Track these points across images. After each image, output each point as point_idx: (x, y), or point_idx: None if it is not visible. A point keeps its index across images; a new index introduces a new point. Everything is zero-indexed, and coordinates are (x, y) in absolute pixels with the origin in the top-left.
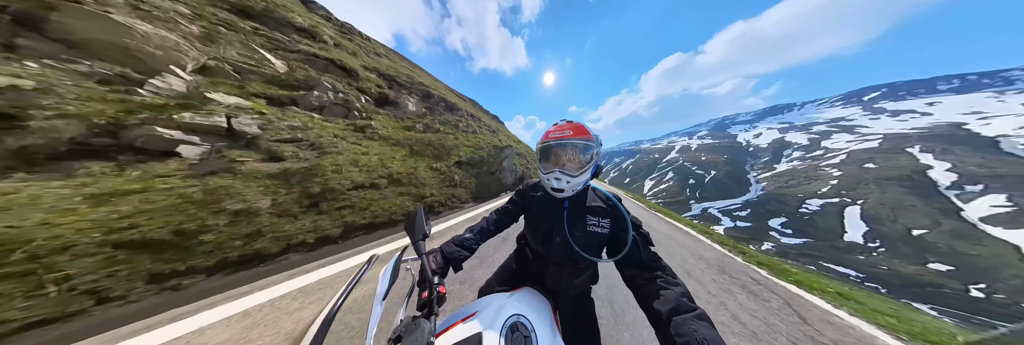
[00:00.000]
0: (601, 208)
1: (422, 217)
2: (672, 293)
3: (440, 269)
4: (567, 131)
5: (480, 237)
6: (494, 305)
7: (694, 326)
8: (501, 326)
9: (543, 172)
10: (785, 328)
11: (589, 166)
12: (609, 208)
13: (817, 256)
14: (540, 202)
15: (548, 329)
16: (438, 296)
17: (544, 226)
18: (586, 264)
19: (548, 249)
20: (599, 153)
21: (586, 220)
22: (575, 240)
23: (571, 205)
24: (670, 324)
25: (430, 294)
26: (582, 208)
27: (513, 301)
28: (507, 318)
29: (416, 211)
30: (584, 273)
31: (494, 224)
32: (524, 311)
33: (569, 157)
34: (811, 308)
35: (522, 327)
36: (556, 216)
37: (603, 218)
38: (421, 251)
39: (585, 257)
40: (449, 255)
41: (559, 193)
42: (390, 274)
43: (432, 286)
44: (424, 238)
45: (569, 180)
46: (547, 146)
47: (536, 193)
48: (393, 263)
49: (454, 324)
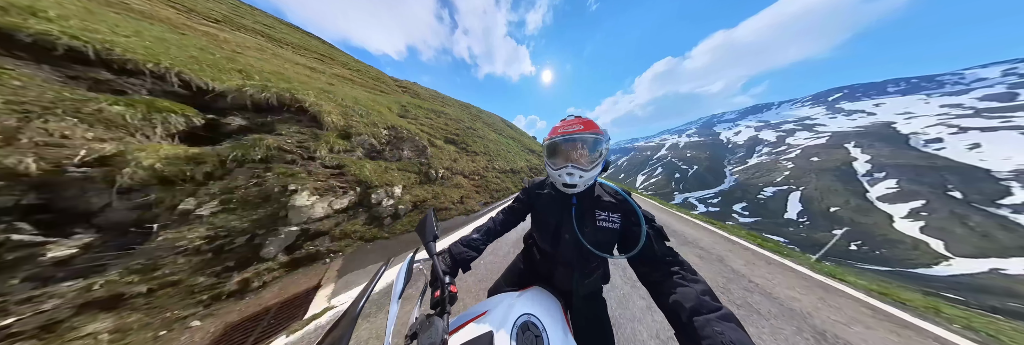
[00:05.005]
0: (611, 202)
1: (432, 220)
2: (692, 291)
3: (450, 269)
4: (577, 126)
5: (487, 237)
6: (504, 304)
7: (719, 328)
8: (512, 325)
9: (553, 168)
10: (715, 241)
11: (600, 160)
12: (619, 202)
13: (762, 230)
14: (547, 199)
15: (559, 329)
16: (450, 295)
17: (552, 224)
18: (597, 262)
19: (557, 247)
20: (608, 148)
21: (596, 215)
22: (585, 237)
23: (579, 201)
24: (692, 325)
25: (442, 293)
26: (591, 203)
27: (523, 300)
28: (518, 317)
29: (426, 214)
30: (595, 272)
31: (501, 224)
32: (534, 310)
33: (581, 152)
34: (736, 241)
35: (533, 327)
36: (564, 213)
37: (613, 213)
38: (432, 252)
39: (596, 254)
40: (457, 256)
41: (571, 189)
42: (404, 274)
43: (444, 285)
44: (434, 239)
45: (582, 175)
46: (557, 141)
47: (542, 191)
48: (407, 264)
49: (466, 322)
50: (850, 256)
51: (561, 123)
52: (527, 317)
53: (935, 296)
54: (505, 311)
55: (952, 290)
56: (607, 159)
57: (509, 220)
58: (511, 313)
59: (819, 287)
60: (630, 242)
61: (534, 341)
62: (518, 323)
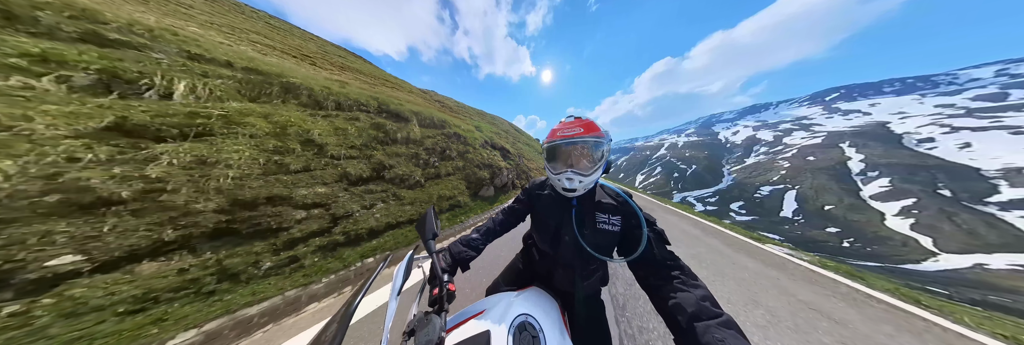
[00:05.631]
0: (611, 205)
1: (432, 217)
2: (692, 296)
3: (449, 268)
4: (577, 128)
5: (486, 237)
6: (502, 304)
7: (719, 335)
8: (509, 325)
9: (553, 172)
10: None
11: (601, 163)
12: (619, 205)
13: (758, 228)
14: (547, 201)
15: (556, 330)
16: (448, 293)
17: (552, 225)
18: (596, 265)
19: (556, 249)
20: (609, 149)
21: (596, 218)
22: (585, 239)
23: (579, 203)
24: (693, 330)
25: (440, 291)
26: (591, 205)
27: (521, 300)
28: (515, 317)
29: (426, 212)
30: (594, 274)
31: (500, 224)
32: (532, 311)
33: (581, 156)
34: (726, 230)
35: (530, 327)
36: (564, 214)
37: (614, 215)
38: (431, 250)
39: (596, 257)
40: (456, 255)
41: (571, 193)
42: (403, 271)
43: (442, 284)
44: (434, 237)
45: (582, 180)
46: (557, 145)
47: (542, 191)
48: (406, 261)
49: (463, 321)
50: (843, 253)
51: (560, 125)
52: (524, 317)
53: (920, 290)
54: (503, 311)
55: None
56: (608, 160)
57: (509, 221)
58: (509, 313)
59: (775, 266)
60: (630, 245)
61: (531, 341)
62: (515, 323)
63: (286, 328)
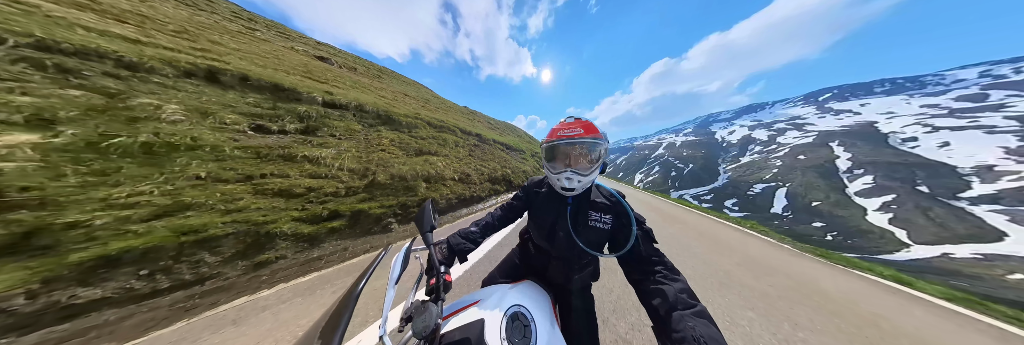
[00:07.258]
0: (604, 204)
1: (430, 210)
2: (672, 288)
3: (446, 259)
4: (576, 129)
5: (484, 231)
6: (496, 295)
7: (692, 323)
8: (503, 314)
9: (552, 172)
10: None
11: (598, 164)
12: (612, 204)
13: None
14: (544, 198)
15: (547, 321)
16: (444, 283)
17: (548, 222)
18: (588, 259)
19: (551, 244)
20: (607, 150)
21: (589, 216)
22: (578, 235)
23: (575, 201)
24: (669, 318)
25: (437, 281)
26: (586, 204)
27: (515, 292)
28: (508, 307)
29: (424, 205)
30: (586, 269)
31: (498, 219)
32: (525, 302)
33: (579, 156)
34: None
35: (522, 317)
36: (560, 212)
37: (606, 214)
38: (429, 242)
39: (587, 252)
40: (455, 247)
41: (569, 192)
42: (401, 262)
43: (439, 274)
44: (431, 229)
45: (580, 179)
46: (556, 145)
47: (540, 189)
48: (404, 252)
49: (459, 310)
50: (825, 245)
51: (560, 125)
52: (517, 308)
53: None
54: (497, 301)
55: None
56: (605, 160)
57: (507, 216)
58: (503, 303)
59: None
60: (620, 242)
61: (523, 330)
62: (508, 313)
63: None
